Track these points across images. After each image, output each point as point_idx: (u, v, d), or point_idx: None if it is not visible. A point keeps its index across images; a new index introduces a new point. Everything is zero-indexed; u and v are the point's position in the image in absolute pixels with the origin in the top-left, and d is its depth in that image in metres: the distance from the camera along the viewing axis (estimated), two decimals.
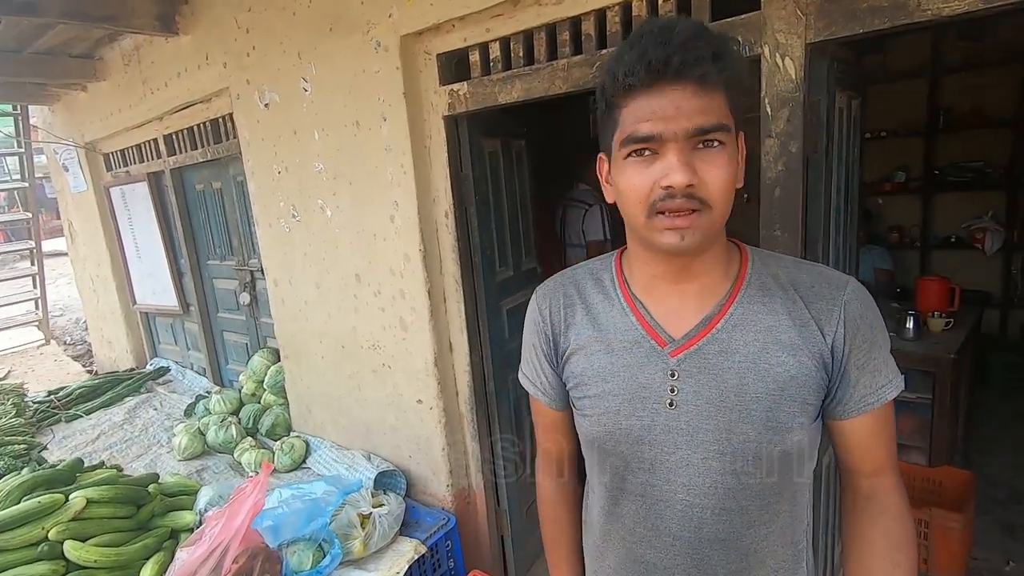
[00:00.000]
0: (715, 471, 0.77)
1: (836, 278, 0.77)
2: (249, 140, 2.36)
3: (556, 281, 0.92)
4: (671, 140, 0.67)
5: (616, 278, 0.85)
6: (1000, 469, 2.86)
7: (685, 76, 0.65)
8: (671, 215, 0.68)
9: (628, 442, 0.80)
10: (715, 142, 0.68)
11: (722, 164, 0.68)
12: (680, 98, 0.66)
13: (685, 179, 0.66)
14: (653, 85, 0.66)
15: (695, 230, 0.69)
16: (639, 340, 0.80)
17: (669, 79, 0.65)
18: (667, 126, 0.66)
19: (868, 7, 1.06)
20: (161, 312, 3.75)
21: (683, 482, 0.78)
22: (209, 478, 2.38)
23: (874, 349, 0.76)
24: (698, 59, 0.64)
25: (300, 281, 2.35)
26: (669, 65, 0.64)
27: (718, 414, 0.75)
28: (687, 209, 0.68)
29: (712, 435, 0.76)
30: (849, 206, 1.49)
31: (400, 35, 1.74)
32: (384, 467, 2.12)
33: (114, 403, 3.26)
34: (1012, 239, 3.83)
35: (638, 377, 0.79)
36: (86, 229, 4.09)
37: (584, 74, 1.47)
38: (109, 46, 3.00)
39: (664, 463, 0.79)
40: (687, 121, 0.66)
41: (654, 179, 0.68)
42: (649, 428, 0.79)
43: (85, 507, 1.80)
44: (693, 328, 0.78)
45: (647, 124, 0.67)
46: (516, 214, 2.20)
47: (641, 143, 0.68)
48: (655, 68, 0.65)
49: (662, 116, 0.66)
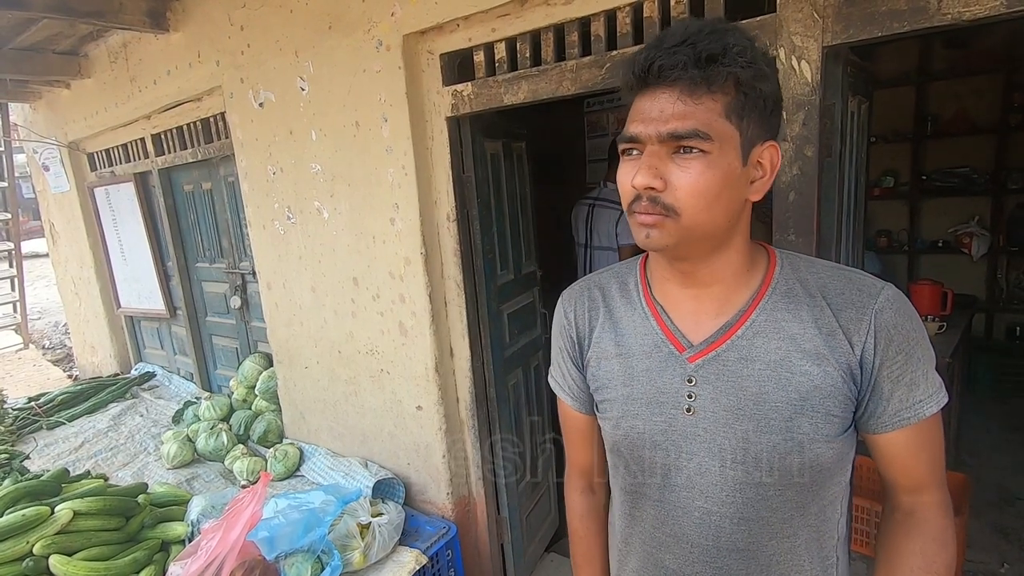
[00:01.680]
0: (733, 479, 0.75)
1: (870, 285, 0.74)
2: (242, 140, 2.31)
3: (582, 284, 0.92)
4: (647, 142, 0.68)
5: (640, 282, 0.85)
6: (990, 471, 2.89)
7: (667, 80, 0.66)
8: (640, 213, 0.70)
9: (646, 446, 0.80)
10: (693, 149, 0.67)
11: (694, 170, 0.67)
12: (665, 102, 0.67)
13: (643, 181, 0.68)
14: (649, 87, 0.68)
15: (660, 231, 0.70)
16: (658, 344, 0.79)
17: (655, 83, 0.67)
18: (645, 128, 0.68)
19: (887, 10, 1.06)
20: (147, 316, 3.65)
21: (701, 489, 0.77)
22: (200, 487, 2.32)
23: (911, 361, 0.72)
24: (679, 64, 0.64)
25: (295, 285, 2.30)
26: (651, 69, 0.66)
27: (736, 422, 0.74)
28: (650, 212, 0.69)
29: (730, 442, 0.75)
30: (857, 209, 1.49)
31: (403, 34, 1.71)
32: (382, 475, 2.08)
33: (98, 410, 3.16)
34: (997, 244, 3.89)
35: (656, 382, 0.79)
36: (68, 230, 3.98)
37: (593, 76, 1.45)
38: (95, 43, 2.92)
39: (682, 469, 0.78)
40: (663, 125, 0.67)
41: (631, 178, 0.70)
42: (666, 433, 0.78)
43: (72, 520, 1.73)
44: (712, 334, 0.77)
45: (633, 125, 0.70)
46: (517, 217, 2.17)
47: (628, 143, 0.71)
48: (640, 71, 0.67)
49: (644, 118, 0.68)
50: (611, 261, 2.76)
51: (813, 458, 0.73)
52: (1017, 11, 0.95)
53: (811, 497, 0.76)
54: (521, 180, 2.21)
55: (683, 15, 1.31)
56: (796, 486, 0.75)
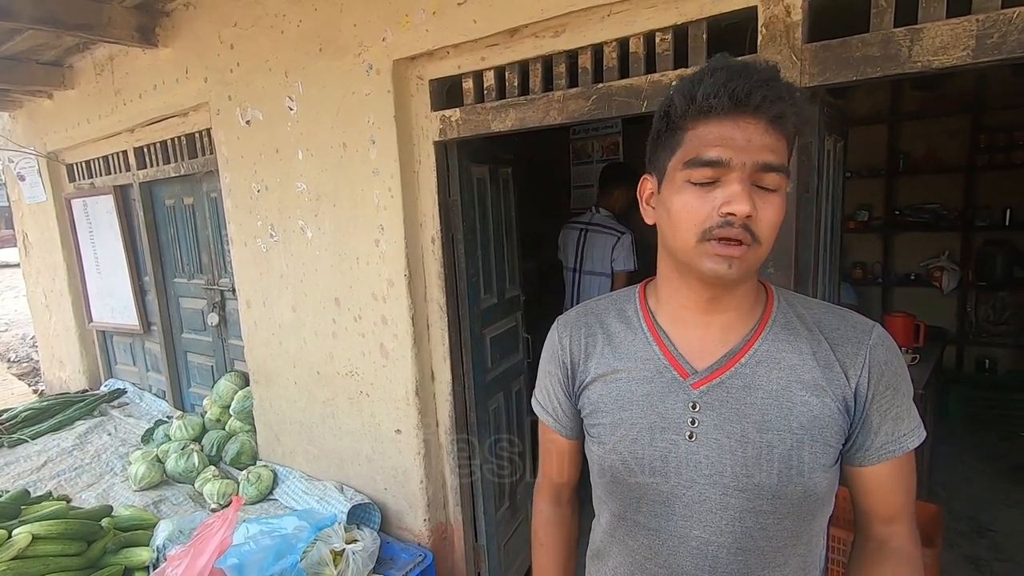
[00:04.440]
0: (733, 508, 0.75)
1: (862, 323, 0.78)
2: (228, 157, 2.30)
3: (578, 311, 0.92)
4: (737, 169, 0.67)
5: (640, 308, 0.85)
6: (962, 503, 2.93)
7: (763, 111, 0.66)
8: (723, 243, 0.68)
9: (644, 473, 0.79)
10: (772, 183, 0.69)
11: (777, 205, 0.69)
12: (753, 132, 0.67)
13: (748, 209, 0.66)
14: (731, 114, 0.67)
15: (742, 262, 0.69)
16: (661, 370, 0.79)
17: (748, 111, 0.66)
18: (736, 155, 0.67)
19: (862, 56, 1.10)
20: (120, 331, 3.57)
21: (699, 518, 0.77)
22: (168, 510, 2.24)
23: (897, 396, 0.75)
24: (779, 98, 0.66)
25: (275, 303, 2.27)
26: (752, 97, 0.65)
27: (738, 449, 0.74)
28: (740, 239, 0.68)
29: (731, 470, 0.75)
30: (833, 243, 1.53)
31: (393, 59, 1.73)
32: (358, 500, 2.03)
33: (63, 427, 3.05)
34: (967, 278, 4.01)
35: (658, 407, 0.78)
36: (42, 241, 3.89)
37: (580, 106, 1.48)
38: (81, 54, 2.90)
39: (680, 497, 0.77)
40: (756, 154, 0.67)
41: (714, 205, 0.68)
42: (666, 459, 0.77)
43: (30, 544, 1.66)
44: (717, 361, 0.77)
45: (716, 149, 0.67)
46: (502, 241, 2.19)
47: (706, 166, 0.68)
48: (738, 97, 0.66)
49: (732, 145, 0.67)
50: (602, 286, 2.75)
51: (812, 486, 0.74)
52: (983, 61, 1.00)
53: (804, 526, 0.77)
54: (507, 205, 2.23)
55: (667, 52, 1.35)
56: (793, 515, 0.76)
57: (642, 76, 1.38)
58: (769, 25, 1.21)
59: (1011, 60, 0.98)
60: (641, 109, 1.38)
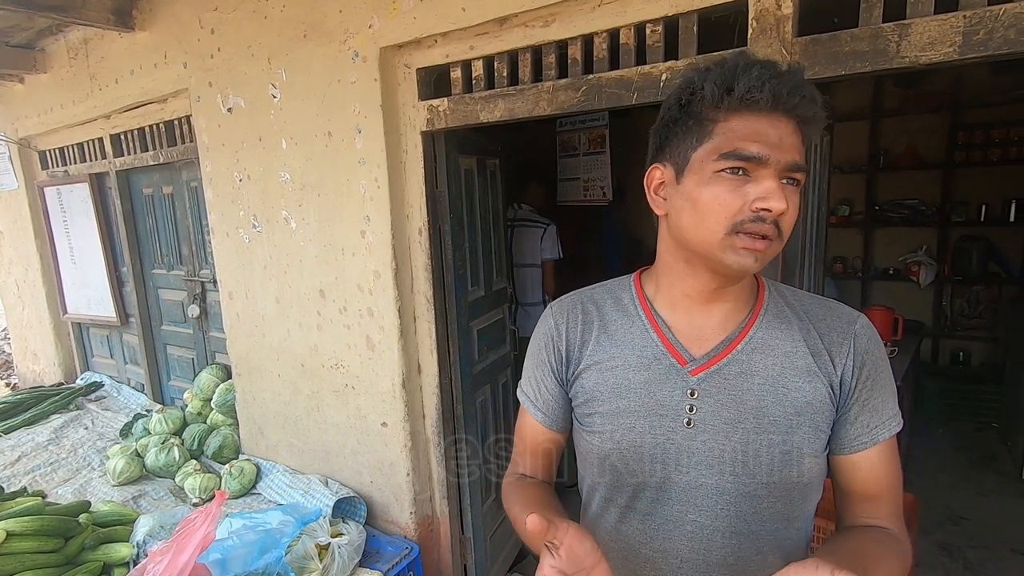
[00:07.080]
0: (729, 493, 0.77)
1: (847, 313, 0.80)
2: (208, 145, 2.24)
3: (574, 298, 0.91)
4: (773, 166, 0.68)
5: (637, 296, 0.85)
6: (937, 492, 3.01)
7: (797, 112, 0.68)
8: (752, 237, 0.69)
9: (641, 460, 0.79)
10: (796, 181, 0.71)
11: (797, 202, 0.72)
12: (784, 131, 0.68)
13: (784, 206, 0.68)
14: (767, 111, 0.68)
15: (765, 256, 0.71)
16: (659, 357, 0.80)
17: (782, 110, 0.68)
18: (773, 153, 0.68)
19: (851, 50, 1.11)
20: (96, 323, 3.48)
21: (695, 503, 0.78)
22: (148, 505, 2.20)
23: (876, 388, 0.77)
24: (812, 100, 0.68)
25: (258, 295, 2.24)
26: (791, 97, 0.67)
27: (735, 435, 0.76)
28: (769, 234, 0.69)
29: (728, 456, 0.76)
30: (819, 236, 1.54)
31: (380, 47, 1.70)
32: (344, 493, 2.02)
33: (38, 421, 2.97)
34: (943, 273, 4.10)
35: (656, 394, 0.78)
36: (14, 231, 3.77)
37: (570, 97, 1.47)
38: (54, 37, 2.80)
39: (677, 483, 0.78)
40: (788, 153, 0.68)
41: (746, 199, 0.69)
42: (664, 446, 0.78)
43: (4, 540, 1.62)
44: (714, 348, 0.78)
45: (756, 145, 0.67)
46: (489, 233, 2.17)
47: (743, 161, 0.68)
48: (780, 95, 0.67)
49: (767, 141, 0.67)
50: (534, 277, 2.99)
51: (805, 471, 0.76)
52: (969, 58, 1.01)
53: (796, 510, 0.79)
54: (494, 197, 2.21)
55: (657, 44, 1.34)
56: (786, 499, 0.77)
57: (632, 68, 1.37)
58: (760, 18, 1.21)
59: (996, 57, 0.99)
60: (631, 101, 1.37)
